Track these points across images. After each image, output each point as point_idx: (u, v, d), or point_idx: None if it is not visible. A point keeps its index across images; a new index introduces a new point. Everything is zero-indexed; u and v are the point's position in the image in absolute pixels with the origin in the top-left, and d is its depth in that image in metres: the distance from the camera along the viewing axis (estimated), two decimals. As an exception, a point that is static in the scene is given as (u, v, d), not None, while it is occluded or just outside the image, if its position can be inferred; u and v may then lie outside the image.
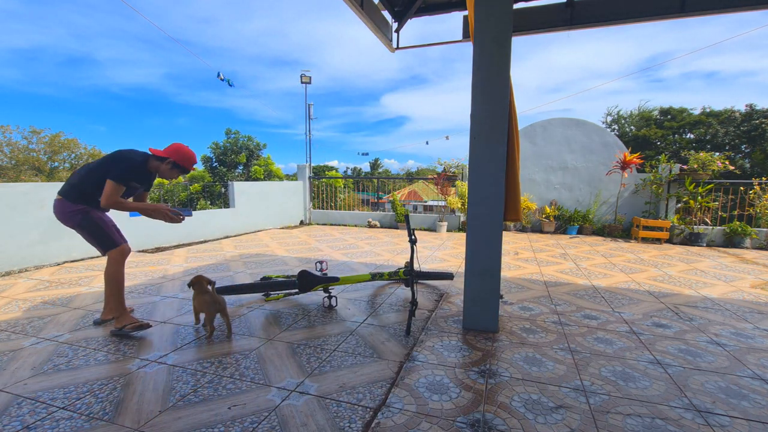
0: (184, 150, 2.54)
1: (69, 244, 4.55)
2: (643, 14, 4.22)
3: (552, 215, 7.61)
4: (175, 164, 2.52)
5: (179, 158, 2.52)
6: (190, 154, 2.56)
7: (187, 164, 2.56)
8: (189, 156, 2.55)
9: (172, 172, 2.55)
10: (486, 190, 2.50)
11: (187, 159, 2.55)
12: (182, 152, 2.52)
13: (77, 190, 2.45)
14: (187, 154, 2.54)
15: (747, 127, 18.84)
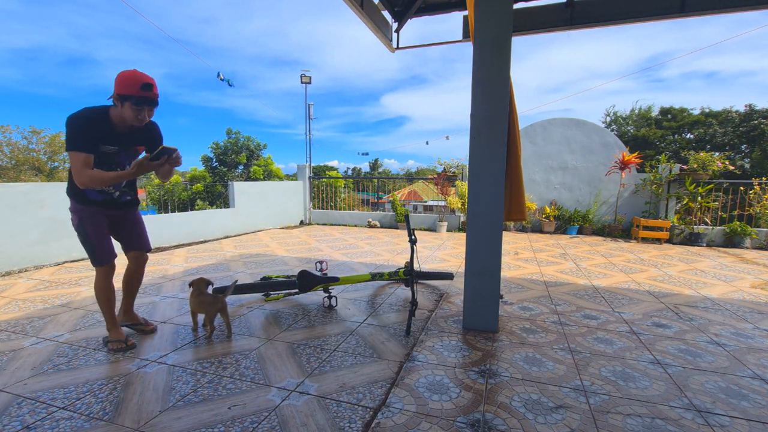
0: (122, 75, 1.95)
1: (69, 244, 4.55)
2: (643, 14, 4.22)
3: (552, 215, 7.61)
4: (124, 97, 1.94)
5: (121, 88, 1.92)
6: (128, 74, 1.95)
7: (133, 89, 1.94)
8: (128, 77, 1.94)
9: (134, 110, 1.97)
10: (486, 190, 2.50)
11: (126, 82, 1.93)
12: (120, 78, 1.93)
13: (69, 186, 2.12)
14: (125, 76, 1.94)
15: (746, 128, 18.84)
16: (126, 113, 1.96)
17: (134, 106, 1.96)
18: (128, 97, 1.93)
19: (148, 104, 2.00)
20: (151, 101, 2.01)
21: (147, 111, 2.03)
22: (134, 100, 1.94)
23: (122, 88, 1.92)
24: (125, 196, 2.27)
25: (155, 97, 2.02)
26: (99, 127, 1.96)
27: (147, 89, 1.96)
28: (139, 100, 1.95)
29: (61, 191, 4.52)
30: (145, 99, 1.97)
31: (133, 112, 1.97)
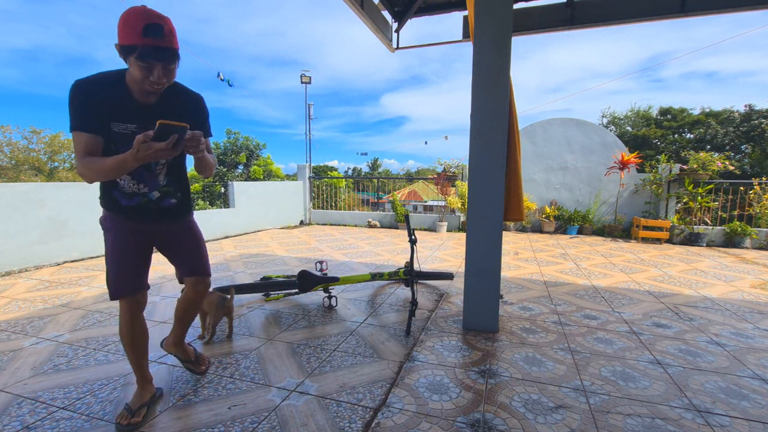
0: (122, 15, 1.30)
1: (69, 244, 4.55)
2: (643, 14, 4.22)
3: (552, 215, 7.61)
4: (126, 48, 1.29)
5: (121, 35, 1.29)
6: (127, 14, 1.29)
7: (133, 35, 1.27)
8: (126, 17, 1.28)
9: (140, 68, 1.31)
10: (486, 190, 2.50)
11: (125, 25, 1.28)
12: (119, 21, 1.30)
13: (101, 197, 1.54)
14: (123, 17, 1.29)
15: (746, 128, 18.85)
16: (134, 74, 1.33)
17: (139, 62, 1.29)
18: (130, 49, 1.28)
19: (157, 57, 1.29)
20: (163, 52, 1.30)
21: (160, 68, 1.32)
22: (138, 53, 1.27)
23: (122, 36, 1.28)
24: (168, 198, 1.55)
25: (169, 46, 1.31)
26: (108, 97, 1.35)
27: (153, 33, 1.26)
28: (143, 51, 1.27)
29: (61, 191, 4.52)
30: (153, 49, 1.27)
31: (140, 71, 1.31)
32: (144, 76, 1.32)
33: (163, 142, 1.24)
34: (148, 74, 1.32)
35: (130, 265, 1.54)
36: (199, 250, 1.71)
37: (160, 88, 1.38)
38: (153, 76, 1.33)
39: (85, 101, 1.33)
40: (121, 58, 1.33)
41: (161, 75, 1.34)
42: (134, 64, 1.30)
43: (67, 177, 22.29)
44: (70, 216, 4.59)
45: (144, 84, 1.35)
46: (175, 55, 1.35)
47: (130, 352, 1.63)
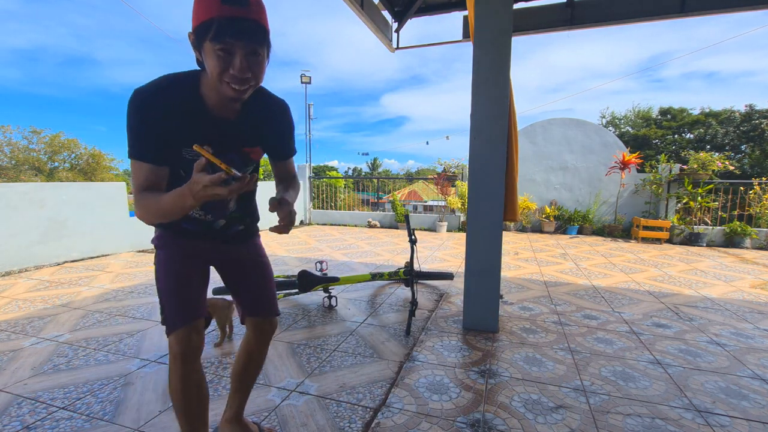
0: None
1: (69, 244, 4.55)
2: (643, 14, 4.22)
3: (552, 215, 7.61)
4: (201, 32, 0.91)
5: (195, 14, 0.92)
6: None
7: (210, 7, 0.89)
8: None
9: (218, 57, 0.92)
10: (486, 190, 2.50)
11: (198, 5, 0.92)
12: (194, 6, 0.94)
13: None
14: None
15: (746, 128, 18.85)
16: (209, 68, 0.93)
17: (215, 43, 0.89)
18: (205, 28, 0.89)
19: (240, 34, 0.90)
20: (247, 26, 0.90)
21: (243, 54, 0.92)
22: (214, 29, 0.88)
23: (196, 14, 0.91)
24: (236, 225, 1.29)
25: (256, 18, 0.91)
26: (178, 115, 0.98)
27: (235, 2, 0.88)
28: (221, 26, 0.88)
29: (61, 191, 4.52)
30: (234, 21, 0.88)
31: (217, 61, 0.91)
32: (222, 67, 0.91)
33: (224, 188, 0.84)
34: (227, 64, 0.91)
35: (186, 287, 1.20)
36: (266, 284, 1.36)
37: (244, 89, 0.94)
38: (234, 66, 0.91)
39: (148, 122, 0.96)
40: (196, 53, 0.96)
41: (245, 64, 0.91)
42: (210, 53, 0.90)
43: (67, 177, 22.30)
44: (70, 216, 4.59)
45: (222, 83, 0.93)
46: (265, 35, 0.92)
47: (184, 422, 1.20)
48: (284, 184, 1.30)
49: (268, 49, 0.98)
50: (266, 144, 1.21)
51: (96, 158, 24.25)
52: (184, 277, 1.20)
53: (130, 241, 5.23)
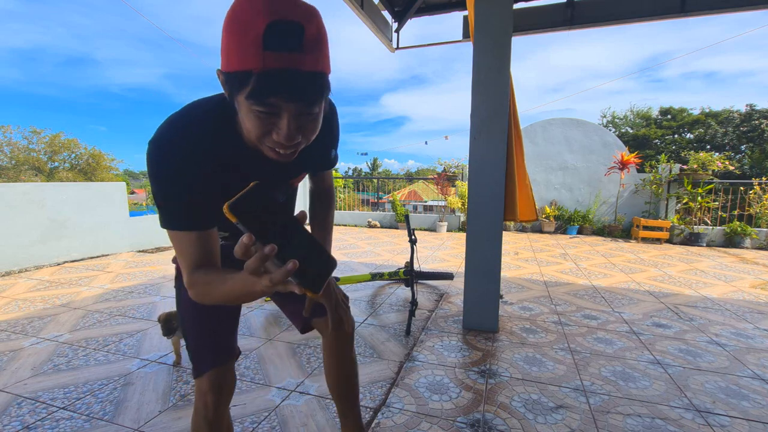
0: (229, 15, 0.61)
1: (69, 245, 4.55)
2: (643, 14, 4.22)
3: (552, 215, 7.62)
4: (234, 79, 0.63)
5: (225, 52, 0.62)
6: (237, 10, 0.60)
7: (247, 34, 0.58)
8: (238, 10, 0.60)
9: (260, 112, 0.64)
10: (486, 190, 2.50)
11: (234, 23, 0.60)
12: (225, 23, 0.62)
13: None
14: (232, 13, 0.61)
15: (746, 128, 18.85)
16: (245, 126, 0.69)
17: (253, 104, 0.63)
18: (239, 80, 0.62)
19: (288, 92, 0.62)
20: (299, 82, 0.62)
21: (294, 115, 0.66)
22: (252, 87, 0.61)
23: (226, 53, 0.63)
24: None
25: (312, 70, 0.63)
26: (216, 160, 0.76)
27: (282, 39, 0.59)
28: (261, 82, 0.61)
29: (61, 191, 4.53)
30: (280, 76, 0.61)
31: (255, 124, 0.66)
32: (262, 131, 0.66)
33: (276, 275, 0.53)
34: (269, 127, 0.66)
35: (214, 321, 0.99)
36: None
37: (290, 153, 0.72)
38: (279, 131, 0.66)
39: (182, 181, 0.72)
40: (227, 95, 0.69)
41: (293, 129, 0.66)
42: (246, 111, 0.65)
43: (67, 177, 22.31)
44: (70, 216, 4.59)
45: (262, 145, 0.70)
46: (323, 87, 0.66)
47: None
48: (321, 204, 1.12)
49: (325, 96, 0.68)
50: (313, 164, 0.99)
51: (96, 158, 24.26)
52: (212, 311, 0.97)
53: (130, 241, 5.23)
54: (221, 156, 0.76)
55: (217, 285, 0.69)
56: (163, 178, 0.72)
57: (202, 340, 0.98)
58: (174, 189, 0.72)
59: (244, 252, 0.52)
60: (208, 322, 0.99)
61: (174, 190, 0.72)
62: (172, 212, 0.74)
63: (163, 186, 0.72)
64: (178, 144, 0.72)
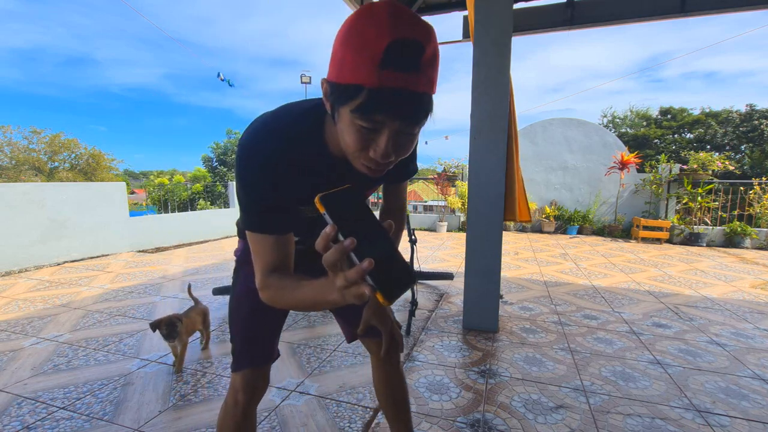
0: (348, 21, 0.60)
1: (69, 244, 4.55)
2: (643, 14, 4.22)
3: (552, 215, 7.62)
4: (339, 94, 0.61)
5: (341, 54, 0.59)
6: (363, 16, 0.58)
7: (367, 49, 0.56)
8: (361, 21, 0.58)
9: (364, 128, 0.62)
10: (486, 190, 2.50)
11: (352, 34, 0.58)
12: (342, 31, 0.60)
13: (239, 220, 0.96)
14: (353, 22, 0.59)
15: (746, 128, 18.85)
16: (342, 138, 0.66)
17: (358, 119, 0.61)
18: (349, 96, 0.60)
19: (396, 112, 0.60)
20: (409, 102, 0.60)
21: (394, 133, 0.63)
22: (361, 102, 0.59)
23: (339, 63, 0.61)
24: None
25: (425, 91, 0.61)
26: (305, 173, 0.77)
27: (401, 59, 0.57)
28: (372, 98, 0.58)
29: (61, 191, 4.53)
30: (393, 95, 0.58)
31: (355, 138, 0.64)
32: (360, 145, 0.65)
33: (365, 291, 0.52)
34: (367, 143, 0.64)
35: (264, 321, 1.00)
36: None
37: (381, 170, 0.70)
38: (376, 148, 0.64)
39: (266, 187, 0.73)
40: (326, 103, 0.68)
41: (390, 148, 0.64)
42: (348, 123, 0.63)
43: (67, 177, 22.30)
44: (70, 216, 4.59)
45: (355, 159, 0.68)
46: (429, 109, 0.64)
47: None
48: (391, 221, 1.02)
49: (427, 119, 0.66)
50: (391, 175, 0.88)
51: (96, 158, 24.26)
52: (265, 309, 0.91)
53: (130, 241, 5.24)
54: (306, 163, 0.76)
55: (290, 290, 0.71)
56: (249, 182, 0.73)
57: (246, 339, 1.00)
58: (258, 193, 0.73)
59: (325, 243, 0.52)
60: (256, 322, 1.00)
61: (258, 194, 0.73)
62: (254, 215, 0.75)
63: (248, 189, 0.73)
64: (265, 149, 0.72)
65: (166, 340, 1.94)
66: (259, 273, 0.76)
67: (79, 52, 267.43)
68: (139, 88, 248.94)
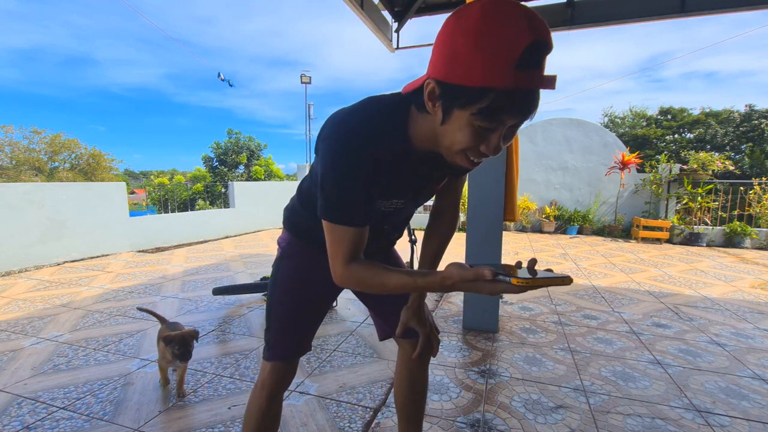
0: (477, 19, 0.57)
1: (69, 244, 4.55)
2: (643, 14, 4.22)
3: (552, 215, 7.62)
4: (472, 94, 0.59)
5: (469, 55, 0.57)
6: (497, 14, 0.56)
7: (505, 51, 0.55)
8: (495, 20, 0.56)
9: (484, 128, 0.62)
10: (486, 190, 2.50)
11: (487, 36, 0.55)
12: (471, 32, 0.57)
13: (290, 204, 1.06)
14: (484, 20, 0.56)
15: (746, 128, 18.85)
16: (449, 138, 0.67)
17: (480, 120, 0.61)
18: (474, 99, 0.60)
19: (522, 114, 0.62)
20: (534, 103, 0.62)
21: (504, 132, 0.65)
22: (490, 103, 0.59)
23: (463, 66, 0.58)
24: (380, 240, 1.02)
25: (547, 87, 0.60)
26: (390, 166, 0.77)
27: (535, 61, 0.57)
28: (503, 102, 0.59)
29: (61, 191, 4.53)
30: (523, 97, 0.60)
31: (471, 137, 0.64)
32: (472, 143, 0.65)
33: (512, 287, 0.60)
34: (480, 141, 0.64)
35: (302, 315, 1.02)
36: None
37: (480, 162, 0.71)
38: (488, 145, 0.65)
39: (360, 180, 0.73)
40: (429, 103, 0.66)
41: (501, 145, 0.66)
42: (463, 124, 0.63)
43: (67, 177, 22.30)
44: (70, 216, 4.59)
45: (459, 154, 0.68)
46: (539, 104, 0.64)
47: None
48: (443, 220, 1.04)
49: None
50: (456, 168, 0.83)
51: (96, 158, 24.26)
52: (305, 302, 1.02)
53: (130, 241, 5.24)
54: (387, 157, 0.76)
55: (378, 281, 0.75)
56: (335, 176, 0.73)
57: (282, 330, 1.01)
58: (347, 186, 0.73)
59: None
60: (296, 313, 1.02)
61: (347, 187, 0.74)
62: (337, 207, 0.75)
63: (333, 182, 0.74)
64: (351, 144, 0.72)
65: (179, 360, 1.65)
66: (341, 262, 0.77)
67: (79, 52, 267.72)
68: (139, 88, 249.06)
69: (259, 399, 1.02)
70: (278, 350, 1.00)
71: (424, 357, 1.10)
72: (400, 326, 1.00)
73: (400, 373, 1.15)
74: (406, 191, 0.86)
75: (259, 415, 1.02)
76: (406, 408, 1.16)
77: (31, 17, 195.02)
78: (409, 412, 1.16)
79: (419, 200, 0.93)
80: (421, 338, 1.00)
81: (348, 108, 0.77)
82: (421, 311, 1.01)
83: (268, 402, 1.02)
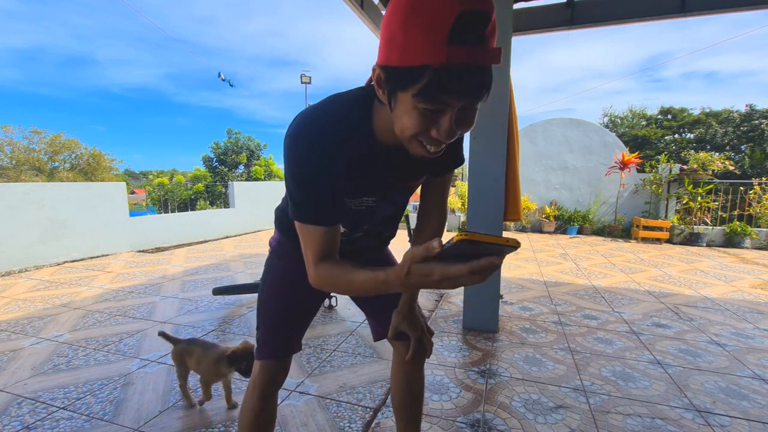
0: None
1: (69, 244, 4.55)
2: (643, 14, 4.22)
3: (552, 215, 7.62)
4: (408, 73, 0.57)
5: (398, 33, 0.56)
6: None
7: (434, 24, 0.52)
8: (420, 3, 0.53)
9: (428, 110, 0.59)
10: (486, 190, 2.50)
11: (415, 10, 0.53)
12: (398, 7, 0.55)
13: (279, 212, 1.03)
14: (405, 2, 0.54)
15: (746, 128, 18.85)
16: (400, 123, 0.64)
17: (422, 102, 0.58)
18: (412, 79, 0.57)
19: (465, 90, 0.57)
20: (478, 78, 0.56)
21: (456, 115, 0.60)
22: (427, 83, 0.56)
23: (399, 47, 0.56)
24: (371, 240, 1.03)
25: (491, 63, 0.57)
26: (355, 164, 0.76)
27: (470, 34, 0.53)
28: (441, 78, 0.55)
29: (61, 191, 4.53)
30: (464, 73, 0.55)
31: (416, 121, 0.61)
32: (421, 128, 0.62)
33: (464, 266, 0.53)
34: (429, 125, 0.61)
35: (292, 313, 1.02)
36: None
37: (440, 150, 0.67)
38: (439, 128, 0.61)
39: (324, 177, 0.72)
40: (379, 90, 0.65)
41: (452, 129, 0.61)
42: (407, 108, 0.61)
43: (67, 177, 22.31)
44: (70, 216, 4.59)
45: (412, 141, 0.65)
46: (492, 81, 0.60)
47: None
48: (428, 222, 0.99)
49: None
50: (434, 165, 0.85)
51: (96, 158, 24.26)
52: (294, 302, 1.02)
53: (130, 241, 5.24)
54: (353, 153, 0.74)
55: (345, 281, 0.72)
56: (299, 174, 0.72)
57: (272, 329, 1.01)
58: (310, 185, 0.72)
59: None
60: (286, 312, 1.01)
61: (310, 186, 0.72)
62: (305, 207, 0.74)
63: (300, 181, 0.72)
64: (313, 141, 0.71)
65: (246, 375, 1.54)
66: (312, 261, 0.76)
67: (79, 52, 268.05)
68: (139, 88, 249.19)
69: (251, 399, 1.01)
70: (268, 349, 1.00)
71: (417, 360, 1.10)
72: (391, 329, 0.99)
73: (396, 375, 1.14)
74: (375, 188, 0.83)
75: (252, 414, 1.02)
76: (403, 409, 1.15)
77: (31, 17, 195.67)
78: (407, 413, 1.15)
79: (395, 198, 0.90)
80: (413, 342, 0.99)
81: (312, 106, 0.75)
82: (412, 314, 1.00)
83: (260, 402, 1.01)
